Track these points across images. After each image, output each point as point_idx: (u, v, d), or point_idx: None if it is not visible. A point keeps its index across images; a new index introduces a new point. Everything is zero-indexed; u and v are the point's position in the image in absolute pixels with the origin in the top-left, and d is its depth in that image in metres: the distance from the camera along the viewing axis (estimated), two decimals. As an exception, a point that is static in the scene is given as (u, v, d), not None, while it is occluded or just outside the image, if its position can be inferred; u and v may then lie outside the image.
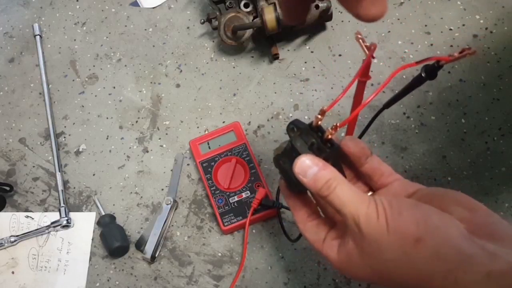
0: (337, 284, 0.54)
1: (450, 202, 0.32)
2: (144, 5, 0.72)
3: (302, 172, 0.32)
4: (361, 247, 0.31)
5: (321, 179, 0.31)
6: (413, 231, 0.29)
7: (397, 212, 0.30)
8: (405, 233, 0.29)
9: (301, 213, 0.37)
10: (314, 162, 0.32)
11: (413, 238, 0.29)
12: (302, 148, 0.33)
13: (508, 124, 0.58)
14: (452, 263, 0.28)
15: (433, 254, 0.28)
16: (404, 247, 0.29)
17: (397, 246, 0.29)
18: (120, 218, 0.59)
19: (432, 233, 0.29)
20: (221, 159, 0.58)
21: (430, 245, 0.28)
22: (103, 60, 0.69)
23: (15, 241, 0.59)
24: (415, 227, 0.29)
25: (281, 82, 0.64)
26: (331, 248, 0.34)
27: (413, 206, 0.30)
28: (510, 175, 0.56)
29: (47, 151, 0.64)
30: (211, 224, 0.58)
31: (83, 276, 0.57)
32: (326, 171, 0.32)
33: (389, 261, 0.30)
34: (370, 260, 0.31)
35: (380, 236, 0.30)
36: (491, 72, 0.61)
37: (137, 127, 0.64)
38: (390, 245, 0.29)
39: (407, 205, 0.30)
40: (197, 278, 0.56)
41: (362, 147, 0.37)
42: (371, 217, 0.30)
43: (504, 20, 0.63)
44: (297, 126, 0.34)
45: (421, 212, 0.30)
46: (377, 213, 0.30)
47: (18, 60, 0.71)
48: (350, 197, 0.31)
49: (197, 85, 0.66)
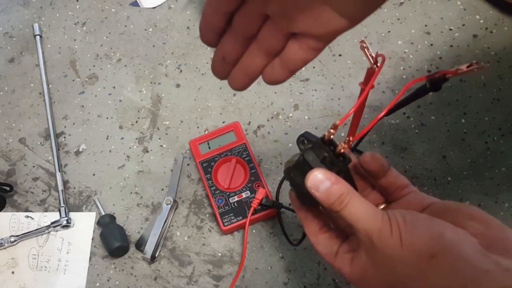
0: (337, 284, 0.54)
1: (464, 217, 0.32)
2: (144, 5, 0.72)
3: (314, 187, 0.32)
4: (375, 261, 0.31)
5: (334, 194, 0.31)
6: (427, 247, 0.29)
7: (411, 227, 0.30)
8: (419, 249, 0.29)
9: (313, 225, 0.37)
10: (326, 176, 0.31)
11: (427, 254, 0.29)
12: (314, 162, 0.33)
13: (508, 124, 0.58)
14: (467, 279, 0.28)
15: (448, 270, 0.28)
16: (419, 263, 0.29)
17: (411, 262, 0.29)
18: (120, 218, 0.59)
19: (446, 249, 0.28)
20: (221, 159, 0.58)
21: (445, 261, 0.28)
22: (103, 60, 0.69)
23: (15, 241, 0.59)
24: (430, 243, 0.29)
25: (281, 82, 0.64)
26: (344, 261, 0.34)
27: (427, 221, 0.30)
28: (510, 175, 0.56)
29: (47, 151, 0.64)
30: (211, 224, 0.58)
31: (83, 276, 0.57)
32: (339, 185, 0.31)
33: (403, 277, 0.30)
34: (384, 275, 0.31)
35: (394, 252, 0.29)
36: (491, 72, 0.61)
37: (137, 127, 0.64)
38: (404, 261, 0.29)
39: (421, 221, 0.30)
40: (197, 278, 0.56)
41: (381, 164, 0.36)
42: (384, 232, 0.30)
43: (504, 20, 0.63)
44: (307, 139, 0.34)
45: (435, 227, 0.30)
46: (390, 228, 0.30)
47: (18, 60, 0.71)
48: (363, 212, 0.31)
49: (197, 85, 0.66)
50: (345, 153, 0.33)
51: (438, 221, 0.30)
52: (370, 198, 0.38)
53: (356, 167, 0.38)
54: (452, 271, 0.28)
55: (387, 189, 0.37)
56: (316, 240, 0.37)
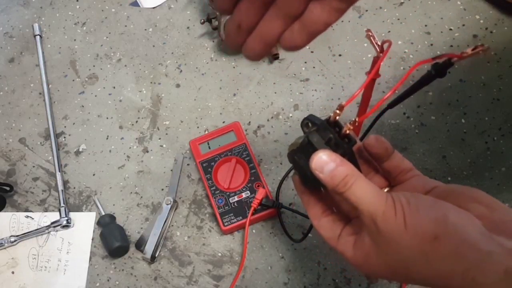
0: (337, 284, 0.54)
1: (468, 199, 0.32)
2: (144, 5, 0.72)
3: (319, 168, 0.31)
4: (378, 244, 0.31)
5: (339, 175, 0.31)
6: (431, 229, 0.29)
7: (415, 209, 0.29)
8: (423, 231, 0.29)
9: (316, 209, 0.37)
10: (331, 158, 0.31)
11: (431, 236, 0.28)
12: (319, 144, 0.33)
13: (508, 124, 0.58)
14: (471, 261, 0.28)
15: (451, 252, 0.28)
16: (422, 245, 0.29)
17: (415, 244, 0.29)
18: (120, 218, 0.59)
19: (450, 231, 0.28)
20: (221, 159, 0.58)
21: (448, 243, 0.28)
22: (103, 60, 0.69)
23: (15, 241, 0.59)
24: (433, 225, 0.29)
25: (281, 82, 0.64)
26: (346, 244, 0.34)
27: (431, 203, 0.30)
28: (510, 175, 0.56)
29: (47, 151, 0.64)
30: (211, 224, 0.58)
31: (83, 276, 0.57)
32: (344, 167, 0.31)
33: (406, 259, 0.30)
34: (387, 257, 0.31)
35: (398, 234, 0.29)
36: (491, 72, 0.61)
37: (137, 127, 0.64)
38: (408, 243, 0.29)
39: (425, 203, 0.30)
40: (197, 278, 0.56)
41: (386, 147, 0.36)
42: (388, 214, 0.30)
43: (504, 20, 0.63)
44: (312, 122, 0.34)
45: (439, 209, 0.29)
46: (394, 210, 0.30)
47: (18, 60, 0.71)
48: (368, 194, 0.31)
49: (197, 85, 0.66)
50: (350, 135, 0.32)
51: (441, 203, 0.30)
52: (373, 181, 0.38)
53: (360, 151, 0.38)
54: (455, 253, 0.28)
55: (391, 172, 0.37)
56: (318, 224, 0.36)
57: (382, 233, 0.30)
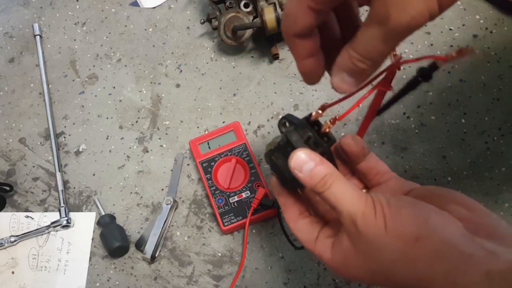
0: (337, 284, 0.54)
1: (447, 201, 0.31)
2: (144, 5, 0.72)
3: (297, 167, 0.31)
4: (357, 246, 0.31)
5: (318, 175, 0.30)
6: (412, 230, 0.28)
7: (395, 210, 0.29)
8: (404, 233, 0.28)
9: (293, 211, 0.36)
10: (310, 156, 0.31)
11: (412, 238, 0.28)
12: (298, 143, 0.32)
13: (508, 124, 0.58)
14: (452, 263, 0.27)
15: (432, 254, 0.28)
16: (403, 246, 0.29)
17: (395, 246, 0.29)
18: (120, 218, 0.59)
19: (431, 232, 0.28)
20: (221, 159, 0.58)
21: (430, 244, 0.28)
22: (103, 60, 0.69)
23: (15, 241, 0.59)
24: (415, 226, 0.28)
25: (281, 82, 0.64)
26: (324, 247, 0.33)
27: (412, 204, 0.30)
28: (510, 175, 0.56)
29: (47, 151, 0.64)
30: (211, 224, 0.58)
31: (83, 276, 0.57)
32: (323, 166, 0.31)
33: (387, 261, 0.30)
34: (367, 260, 0.31)
35: (378, 235, 0.29)
36: (491, 72, 0.61)
37: (137, 127, 0.64)
38: (388, 245, 0.29)
39: (405, 203, 0.30)
40: (197, 278, 0.56)
41: (362, 146, 0.36)
42: (368, 215, 0.29)
43: (504, 20, 0.63)
44: (290, 121, 0.33)
45: (420, 210, 0.29)
46: (374, 211, 0.29)
47: (18, 60, 0.71)
48: (347, 194, 0.30)
49: (197, 85, 0.66)
50: (330, 133, 0.32)
51: (422, 204, 0.30)
52: None
53: (337, 150, 0.38)
54: (436, 254, 0.28)
55: (367, 174, 0.37)
56: (295, 226, 0.36)
57: (362, 234, 0.29)
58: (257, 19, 0.61)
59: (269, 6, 0.59)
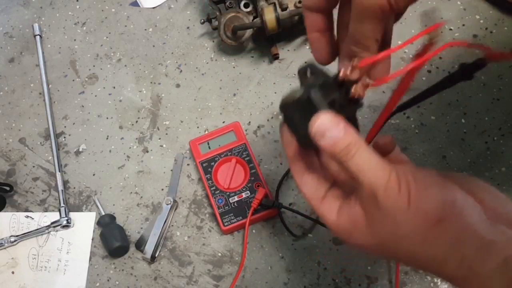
0: (337, 284, 0.54)
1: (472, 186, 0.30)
2: (144, 5, 0.72)
3: (319, 133, 0.28)
4: (372, 216, 0.29)
5: (341, 143, 0.28)
6: (436, 211, 0.27)
7: (422, 187, 0.28)
8: (427, 212, 0.27)
9: (300, 164, 0.34)
10: (334, 122, 0.28)
11: (434, 219, 0.27)
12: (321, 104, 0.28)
13: (508, 124, 0.58)
14: (471, 249, 0.27)
15: (453, 238, 0.27)
16: (424, 225, 0.27)
17: (416, 224, 0.28)
18: (120, 218, 0.59)
19: (456, 216, 0.27)
20: (221, 159, 0.58)
21: (452, 228, 0.27)
22: (103, 60, 0.69)
23: (15, 241, 0.59)
24: (439, 207, 0.27)
25: (281, 82, 0.64)
26: (330, 207, 0.32)
27: (440, 182, 0.28)
28: (510, 175, 0.56)
29: (47, 151, 0.64)
30: (211, 224, 0.58)
31: (83, 276, 0.57)
32: (347, 135, 0.28)
33: (401, 237, 0.28)
34: (379, 232, 0.29)
35: (399, 210, 0.28)
36: (491, 72, 0.61)
37: (137, 127, 0.64)
38: (408, 222, 0.28)
39: (433, 181, 0.28)
40: (197, 278, 0.56)
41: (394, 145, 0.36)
42: (391, 189, 0.28)
43: (504, 20, 0.63)
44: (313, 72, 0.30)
45: (447, 191, 0.28)
46: (399, 185, 0.28)
47: (18, 60, 0.71)
48: (371, 165, 0.28)
49: (197, 85, 0.66)
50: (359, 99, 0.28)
51: (450, 184, 0.29)
52: None
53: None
54: (458, 239, 0.27)
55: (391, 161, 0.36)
56: (301, 181, 0.33)
57: (381, 207, 0.28)
58: (257, 19, 0.61)
59: (269, 6, 0.59)
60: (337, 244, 0.55)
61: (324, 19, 0.35)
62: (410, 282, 0.53)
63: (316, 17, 0.35)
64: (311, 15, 0.35)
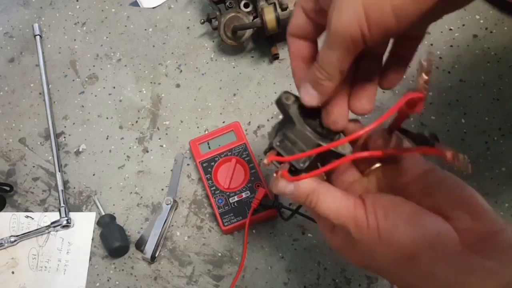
0: (337, 284, 0.54)
1: (454, 203, 0.30)
2: (144, 5, 0.72)
3: (281, 193, 0.32)
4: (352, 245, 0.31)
5: (301, 195, 0.31)
6: (408, 247, 0.28)
7: (391, 225, 0.28)
8: (399, 249, 0.28)
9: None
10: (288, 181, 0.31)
11: (406, 255, 0.28)
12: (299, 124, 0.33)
13: (508, 124, 0.58)
14: (448, 281, 0.27)
15: (427, 273, 0.28)
16: (397, 260, 0.28)
17: (389, 258, 0.29)
18: (120, 218, 0.59)
19: (427, 252, 0.28)
20: (221, 159, 0.58)
21: (424, 264, 0.28)
22: (103, 60, 0.69)
23: (15, 241, 0.59)
24: (411, 245, 0.28)
25: (281, 82, 0.64)
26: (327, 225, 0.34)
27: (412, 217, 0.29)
28: (510, 175, 0.56)
29: (47, 151, 0.64)
30: (211, 224, 0.58)
31: (83, 276, 0.57)
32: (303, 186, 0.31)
33: (381, 266, 0.30)
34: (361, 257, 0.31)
35: (373, 242, 0.29)
36: (491, 72, 0.61)
37: (137, 127, 0.64)
38: (382, 254, 0.29)
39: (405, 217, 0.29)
40: (197, 278, 0.56)
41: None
42: (360, 224, 0.29)
43: (504, 20, 0.63)
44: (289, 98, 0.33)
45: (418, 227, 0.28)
46: (367, 221, 0.29)
47: (18, 60, 0.71)
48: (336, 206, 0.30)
49: (197, 85, 0.66)
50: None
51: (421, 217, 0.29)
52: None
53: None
54: (431, 275, 0.27)
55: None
56: None
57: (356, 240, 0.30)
58: (257, 19, 0.61)
59: (269, 6, 0.59)
60: (337, 244, 0.55)
61: (309, 47, 0.34)
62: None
63: (301, 45, 0.34)
64: (295, 42, 0.34)
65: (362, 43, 0.27)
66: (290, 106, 0.33)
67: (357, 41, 0.26)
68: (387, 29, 0.26)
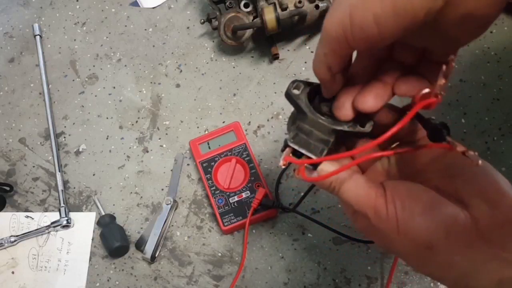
0: (337, 284, 0.54)
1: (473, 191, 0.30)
2: (144, 5, 0.72)
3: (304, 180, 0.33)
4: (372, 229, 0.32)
5: (325, 183, 0.32)
6: (424, 237, 0.28)
7: (409, 215, 0.29)
8: (415, 239, 0.29)
9: None
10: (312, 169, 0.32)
11: (423, 245, 0.29)
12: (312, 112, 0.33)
13: (508, 124, 0.58)
14: (464, 270, 0.28)
15: (444, 262, 0.28)
16: (414, 249, 0.29)
17: (407, 245, 0.29)
18: (120, 218, 0.59)
19: (444, 241, 0.28)
20: (221, 159, 0.58)
21: (442, 252, 0.28)
22: (103, 60, 0.69)
23: (15, 241, 0.59)
24: (427, 234, 0.28)
25: (281, 82, 0.64)
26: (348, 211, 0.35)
27: (428, 209, 0.29)
28: (510, 175, 0.56)
29: (47, 151, 0.64)
30: (211, 224, 0.58)
31: (83, 276, 0.57)
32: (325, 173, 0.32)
33: (399, 252, 0.31)
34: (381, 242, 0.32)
35: (391, 231, 0.30)
36: (491, 72, 0.61)
37: (137, 127, 0.64)
38: (400, 242, 0.30)
39: (421, 208, 0.29)
40: (197, 278, 0.56)
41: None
42: (380, 213, 0.30)
43: (504, 20, 0.63)
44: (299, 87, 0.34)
45: (435, 216, 0.29)
46: (386, 212, 0.30)
47: (18, 60, 0.71)
48: (357, 194, 0.31)
49: (197, 85, 0.66)
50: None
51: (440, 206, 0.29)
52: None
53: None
54: (449, 262, 0.28)
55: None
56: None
57: (375, 227, 0.31)
58: (257, 19, 0.61)
59: (269, 6, 0.59)
60: (337, 244, 0.55)
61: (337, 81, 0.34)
62: (410, 282, 0.53)
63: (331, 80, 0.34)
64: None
65: (346, 45, 0.28)
66: (299, 97, 0.34)
67: (342, 42, 0.28)
68: (370, 36, 0.27)
